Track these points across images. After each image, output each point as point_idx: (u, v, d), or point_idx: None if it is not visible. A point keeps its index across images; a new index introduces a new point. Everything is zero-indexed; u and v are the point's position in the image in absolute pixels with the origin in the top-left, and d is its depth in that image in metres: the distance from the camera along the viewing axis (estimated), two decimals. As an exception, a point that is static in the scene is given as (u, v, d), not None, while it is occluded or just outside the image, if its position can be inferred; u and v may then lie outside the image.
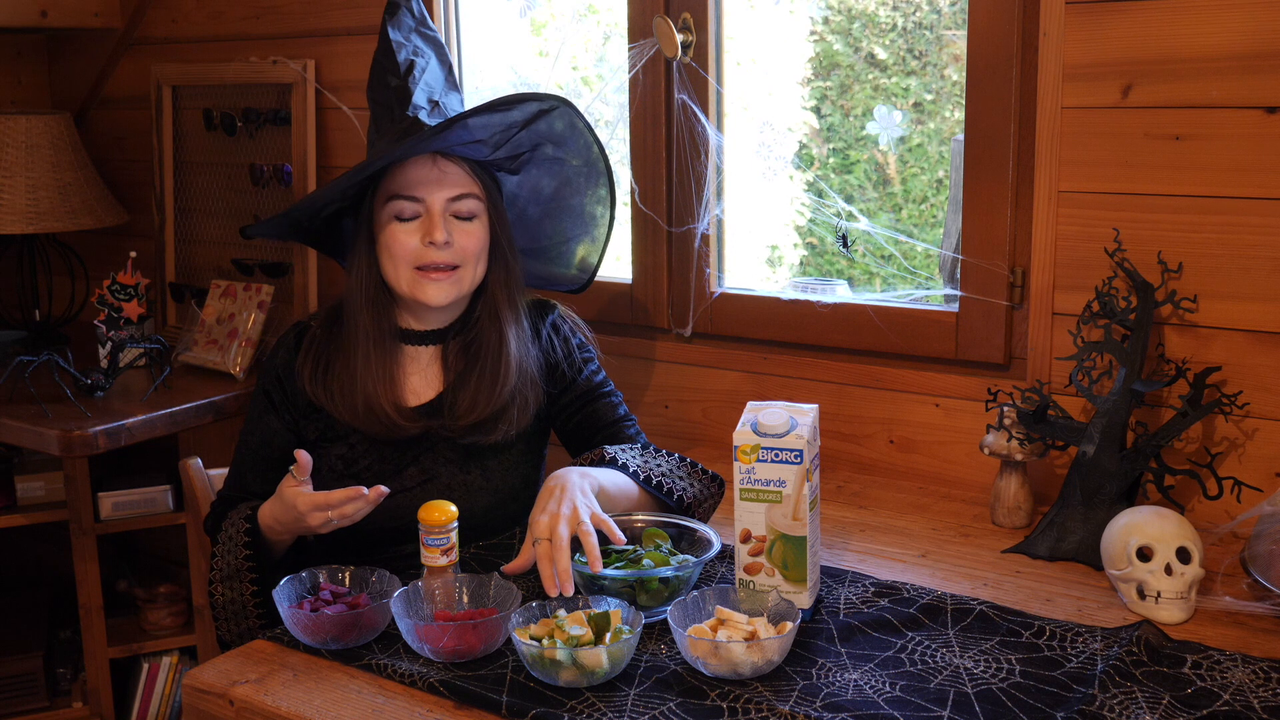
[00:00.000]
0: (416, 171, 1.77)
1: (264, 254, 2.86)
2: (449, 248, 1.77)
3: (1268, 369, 1.77)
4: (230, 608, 1.73)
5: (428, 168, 1.77)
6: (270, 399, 1.86)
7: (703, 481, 1.78)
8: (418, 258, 1.77)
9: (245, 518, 1.73)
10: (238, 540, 1.72)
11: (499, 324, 1.84)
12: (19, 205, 2.86)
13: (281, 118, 2.75)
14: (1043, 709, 1.29)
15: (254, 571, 1.71)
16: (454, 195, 1.78)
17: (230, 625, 1.74)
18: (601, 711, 1.30)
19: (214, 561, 1.75)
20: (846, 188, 2.70)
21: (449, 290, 1.79)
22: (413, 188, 1.77)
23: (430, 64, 1.86)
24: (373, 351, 1.81)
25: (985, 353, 2.02)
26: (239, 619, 1.73)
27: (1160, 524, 1.56)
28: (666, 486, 1.72)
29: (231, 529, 1.74)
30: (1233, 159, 1.74)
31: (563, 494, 1.57)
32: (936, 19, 2.50)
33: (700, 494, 1.75)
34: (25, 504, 2.77)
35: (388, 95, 1.83)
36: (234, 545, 1.73)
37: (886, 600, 1.56)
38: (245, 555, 1.71)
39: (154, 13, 3.02)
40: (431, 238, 1.76)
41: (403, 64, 1.83)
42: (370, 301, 1.82)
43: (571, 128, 1.86)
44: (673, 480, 1.74)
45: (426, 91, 1.83)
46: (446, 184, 1.78)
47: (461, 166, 1.80)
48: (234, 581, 1.72)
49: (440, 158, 1.78)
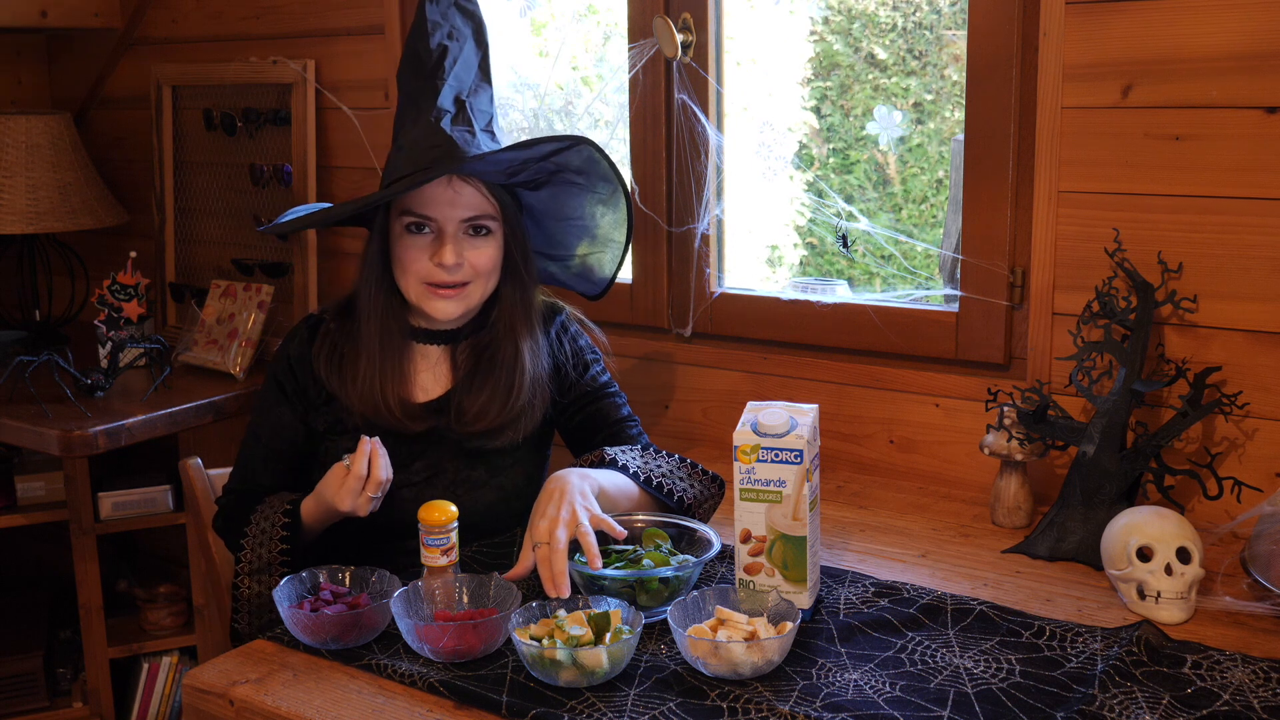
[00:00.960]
0: (431, 190, 1.75)
1: (264, 254, 2.86)
2: (459, 268, 1.76)
3: (1268, 369, 1.77)
4: (255, 601, 1.72)
5: (442, 187, 1.75)
6: (282, 389, 1.86)
7: (703, 482, 1.78)
8: (427, 274, 1.77)
9: (284, 512, 1.73)
10: (274, 535, 1.72)
11: (514, 338, 1.83)
12: (19, 205, 2.86)
13: (281, 118, 2.75)
14: (1043, 709, 1.29)
15: (287, 566, 1.71)
16: (467, 217, 1.77)
17: (251, 619, 1.73)
18: (601, 711, 1.30)
19: (242, 555, 1.74)
20: (846, 188, 2.70)
21: (457, 306, 1.79)
22: (425, 206, 1.75)
23: (465, 49, 1.81)
24: (383, 346, 1.81)
25: (985, 353, 2.02)
26: (261, 614, 1.72)
27: (1160, 524, 1.56)
28: (667, 487, 1.72)
29: (265, 522, 1.73)
30: (1233, 159, 1.74)
31: (561, 497, 1.57)
32: (936, 19, 2.50)
33: (700, 495, 1.75)
34: (25, 504, 2.77)
35: (415, 88, 1.79)
36: (269, 539, 1.72)
37: (886, 600, 1.56)
38: (281, 550, 1.71)
39: (154, 13, 3.02)
40: (441, 259, 1.74)
41: (435, 50, 1.77)
42: (381, 300, 1.82)
43: (591, 161, 1.81)
44: (673, 481, 1.74)
45: (455, 88, 1.78)
46: (460, 205, 1.76)
47: (478, 187, 1.77)
48: (264, 575, 1.72)
49: (456, 179, 1.75)
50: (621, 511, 1.68)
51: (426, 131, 1.75)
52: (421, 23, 1.80)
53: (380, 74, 2.63)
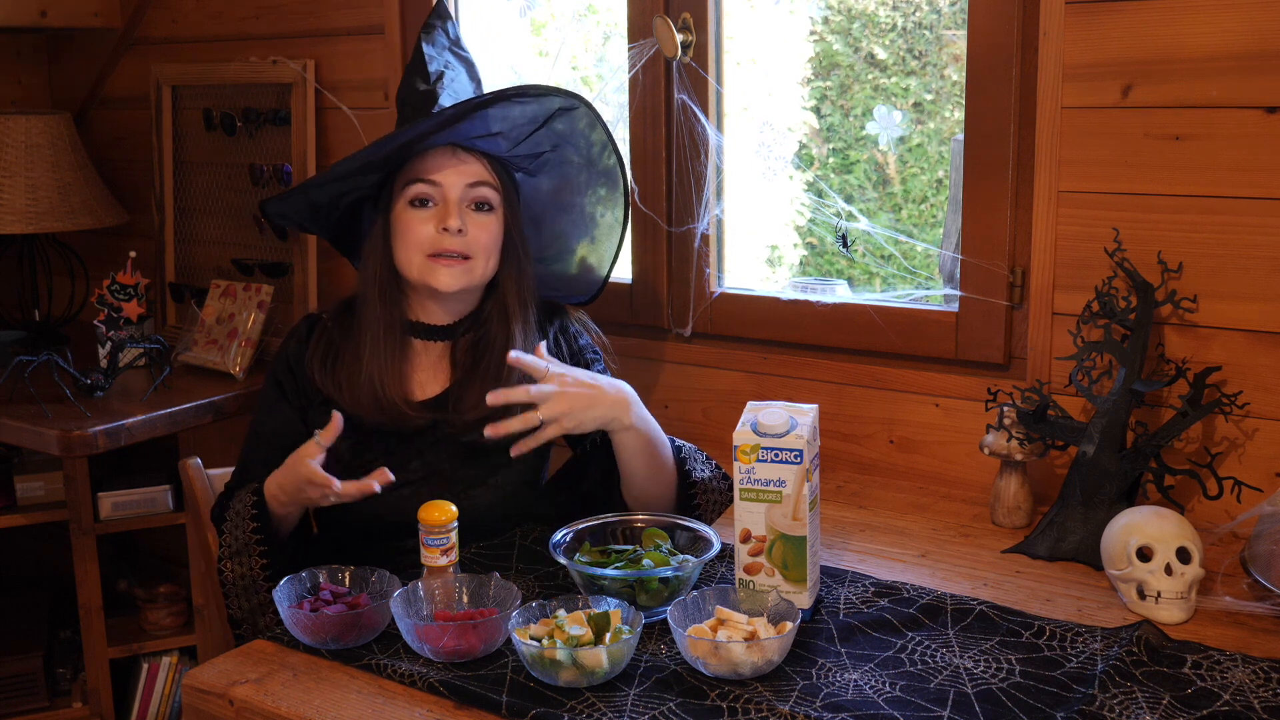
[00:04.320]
0: (435, 159, 1.81)
1: (264, 254, 2.86)
2: (462, 236, 1.79)
3: (1268, 369, 1.77)
4: (240, 583, 1.74)
5: (447, 156, 1.81)
6: (282, 389, 1.88)
7: (715, 474, 1.82)
8: (432, 244, 1.80)
9: (252, 491, 1.76)
10: (245, 514, 1.74)
11: (507, 324, 1.86)
12: (19, 205, 2.86)
13: (281, 118, 2.75)
14: (1043, 709, 1.29)
15: (262, 544, 1.73)
16: (472, 181, 1.81)
17: (241, 601, 1.75)
18: (601, 711, 1.30)
19: (222, 539, 1.78)
20: (846, 188, 2.70)
21: (460, 277, 1.81)
22: (430, 172, 1.80)
23: (460, 76, 1.91)
24: (382, 342, 1.83)
25: (985, 353, 2.02)
26: (249, 594, 1.74)
27: (1160, 524, 1.56)
28: (685, 456, 1.78)
29: (239, 504, 1.77)
30: (1233, 159, 1.74)
31: (591, 404, 1.66)
32: (936, 19, 2.50)
33: (709, 481, 1.79)
34: (25, 504, 2.76)
35: (415, 98, 1.87)
36: (241, 520, 1.75)
37: (886, 600, 1.56)
38: (253, 529, 1.73)
39: (154, 13, 3.02)
40: (446, 224, 1.78)
41: (433, 73, 1.88)
42: (382, 292, 1.84)
43: (592, 127, 1.89)
44: (691, 455, 1.80)
45: (453, 98, 1.86)
46: (464, 171, 1.81)
47: (480, 160, 1.83)
48: (243, 556, 1.74)
49: (459, 149, 1.82)
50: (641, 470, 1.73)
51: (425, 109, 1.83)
52: (419, 55, 1.89)
53: (380, 74, 2.63)
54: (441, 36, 1.92)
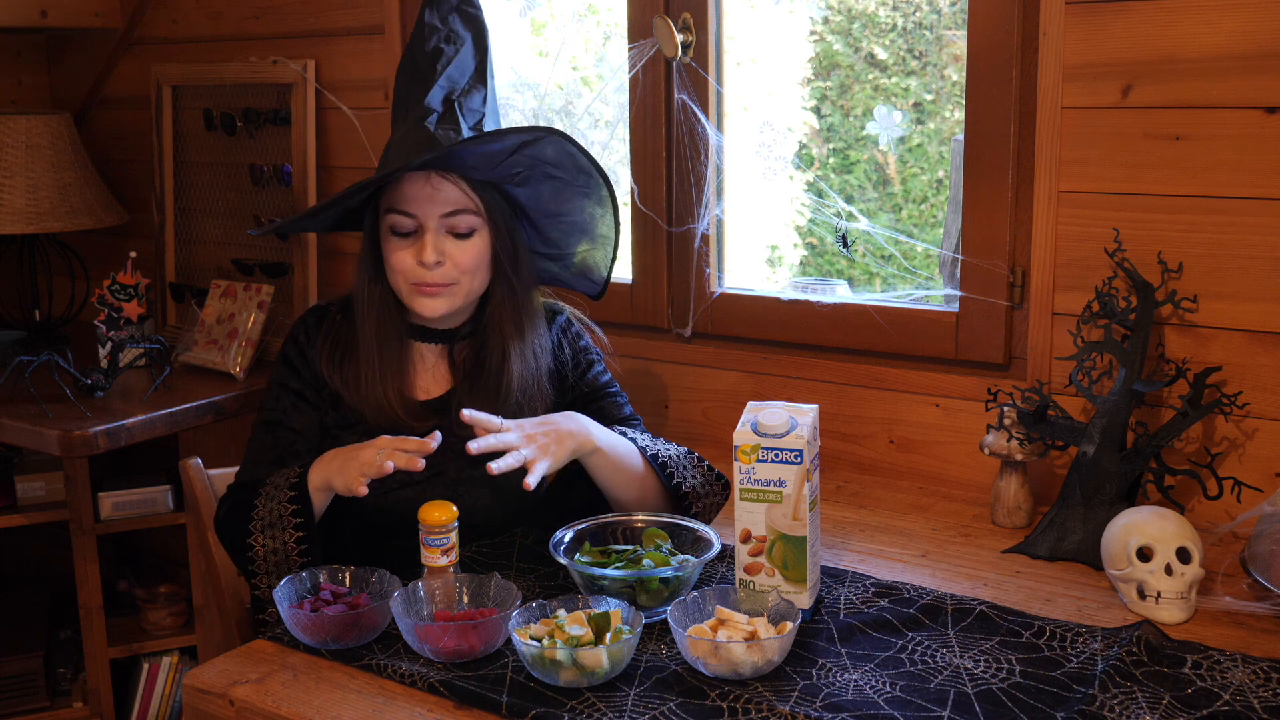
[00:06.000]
0: (411, 187, 1.77)
1: (264, 254, 2.86)
2: (440, 267, 1.77)
3: (1268, 369, 1.77)
4: (272, 558, 1.70)
5: (421, 184, 1.76)
6: (286, 385, 1.86)
7: (707, 478, 1.79)
8: (413, 274, 1.78)
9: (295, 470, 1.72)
10: (283, 488, 1.71)
11: (502, 342, 1.84)
12: (19, 205, 2.86)
13: (281, 118, 2.75)
14: (1043, 709, 1.29)
15: (298, 518, 1.68)
16: (447, 212, 1.77)
17: (271, 580, 1.69)
18: (601, 711, 1.30)
19: (254, 514, 1.72)
20: (846, 188, 2.70)
21: (444, 304, 1.80)
22: (406, 203, 1.77)
23: (461, 52, 1.83)
24: (382, 345, 1.82)
25: (985, 353, 2.02)
26: (280, 571, 1.69)
27: (1160, 524, 1.56)
28: (670, 469, 1.74)
29: (279, 479, 1.73)
30: (1233, 159, 1.74)
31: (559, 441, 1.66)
32: (936, 19, 2.50)
33: (701, 487, 1.76)
34: (25, 504, 2.77)
35: (406, 90, 1.82)
36: (279, 491, 1.71)
37: (886, 600, 1.56)
38: (290, 498, 1.69)
39: (154, 13, 3.02)
40: (422, 258, 1.76)
41: (429, 54, 1.80)
42: (378, 299, 1.84)
43: (564, 153, 1.81)
44: (677, 464, 1.76)
45: (446, 89, 1.80)
46: (439, 200, 1.77)
47: (457, 184, 1.78)
48: (277, 530, 1.69)
49: (435, 175, 1.77)
50: (625, 486, 1.71)
51: (410, 130, 1.78)
52: (420, 28, 1.83)
53: (380, 74, 2.63)
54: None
